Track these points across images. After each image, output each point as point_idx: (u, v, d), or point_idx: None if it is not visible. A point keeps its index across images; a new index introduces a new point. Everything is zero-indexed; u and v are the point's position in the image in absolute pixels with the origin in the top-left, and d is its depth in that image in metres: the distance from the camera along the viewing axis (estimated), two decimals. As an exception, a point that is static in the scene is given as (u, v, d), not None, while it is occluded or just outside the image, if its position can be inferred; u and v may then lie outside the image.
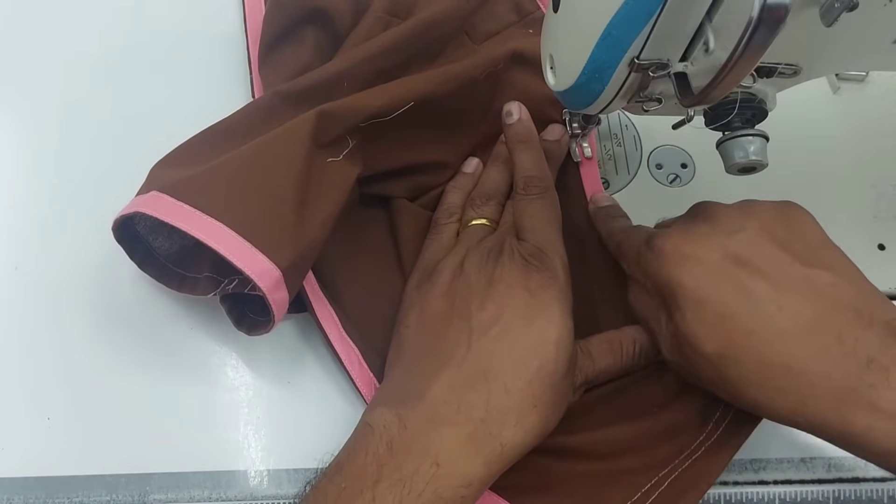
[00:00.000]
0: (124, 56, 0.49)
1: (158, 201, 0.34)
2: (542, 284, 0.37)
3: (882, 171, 0.51)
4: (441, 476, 0.32)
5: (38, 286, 0.42)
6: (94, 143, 0.46)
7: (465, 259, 0.39)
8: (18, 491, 0.38)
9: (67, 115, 0.47)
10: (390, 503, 0.31)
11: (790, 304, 0.33)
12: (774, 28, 0.28)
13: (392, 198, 0.44)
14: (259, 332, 0.38)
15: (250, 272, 0.33)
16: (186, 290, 0.39)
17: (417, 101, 0.41)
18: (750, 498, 0.41)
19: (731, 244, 0.35)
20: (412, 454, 0.32)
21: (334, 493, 0.31)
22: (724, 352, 0.34)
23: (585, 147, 0.48)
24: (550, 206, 0.41)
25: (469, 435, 0.33)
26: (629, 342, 0.40)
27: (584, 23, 0.34)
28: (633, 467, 0.38)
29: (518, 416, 0.34)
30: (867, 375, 0.31)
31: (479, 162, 0.46)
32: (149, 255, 0.39)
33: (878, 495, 0.42)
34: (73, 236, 0.43)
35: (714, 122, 0.37)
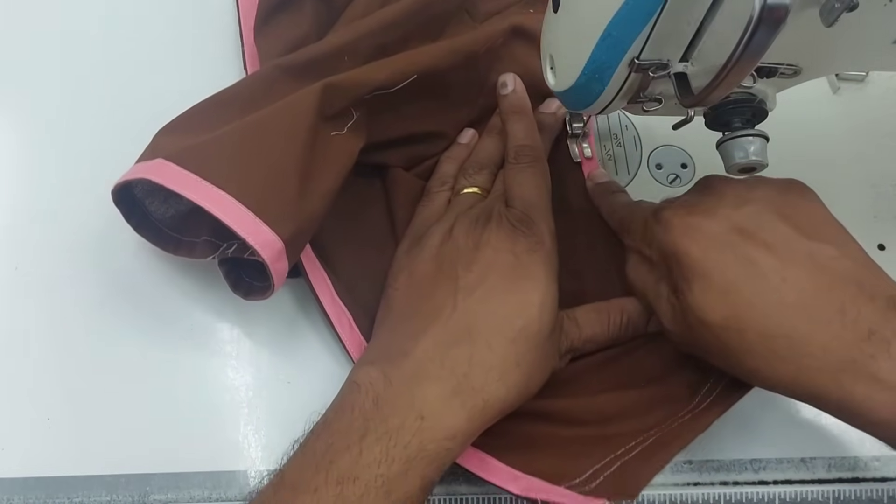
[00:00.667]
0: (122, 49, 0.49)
1: (164, 169, 0.34)
2: (529, 248, 0.38)
3: (882, 171, 0.51)
4: (426, 429, 0.32)
5: (38, 286, 0.42)
6: (92, 132, 0.46)
7: (454, 225, 0.39)
8: (18, 491, 0.38)
9: (63, 103, 0.47)
10: (377, 455, 0.31)
11: (794, 276, 0.34)
12: (774, 28, 0.28)
13: (388, 166, 0.45)
14: (255, 298, 0.38)
15: (254, 242, 0.34)
16: (184, 254, 0.39)
17: (419, 75, 0.41)
18: (750, 498, 0.41)
19: (736, 217, 0.35)
20: (397, 408, 0.33)
21: (322, 448, 0.32)
22: (728, 322, 0.34)
23: (585, 147, 0.48)
24: (540, 174, 0.42)
25: (452, 389, 0.34)
26: (617, 312, 0.41)
27: (584, 23, 0.34)
28: (617, 432, 0.39)
29: (501, 373, 0.34)
30: (868, 346, 0.32)
31: (474, 133, 0.47)
32: (145, 218, 0.39)
33: (878, 495, 0.42)
34: (74, 236, 0.43)
35: (714, 123, 0.37)
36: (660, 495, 0.41)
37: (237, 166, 0.35)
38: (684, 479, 0.41)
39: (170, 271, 0.43)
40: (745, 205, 0.36)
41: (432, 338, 0.35)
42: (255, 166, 0.36)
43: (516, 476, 0.37)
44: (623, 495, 0.37)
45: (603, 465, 0.38)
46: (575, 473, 0.37)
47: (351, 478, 0.31)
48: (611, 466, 0.38)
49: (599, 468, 0.37)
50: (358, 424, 0.32)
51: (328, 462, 0.31)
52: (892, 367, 0.31)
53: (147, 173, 0.34)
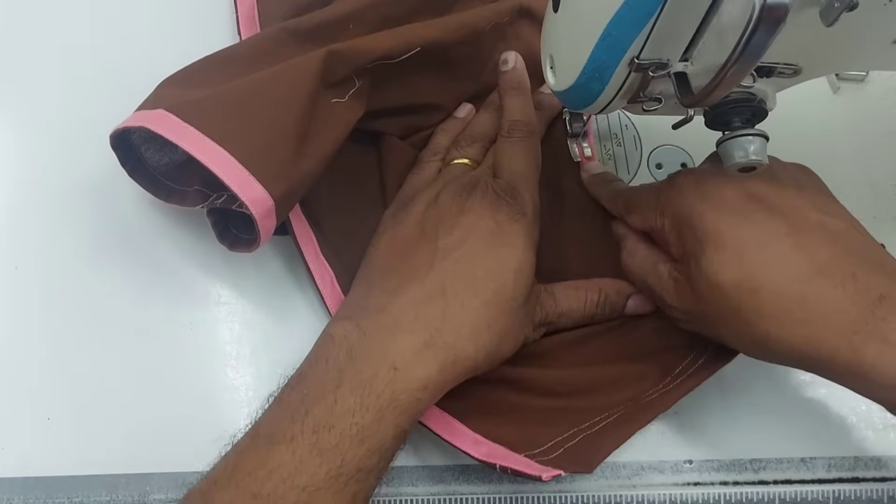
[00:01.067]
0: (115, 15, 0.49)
1: (164, 119, 0.35)
2: (510, 217, 0.39)
3: (882, 171, 0.51)
4: (398, 379, 0.33)
5: (38, 286, 0.42)
6: (90, 122, 0.45)
7: (440, 192, 0.40)
8: (18, 491, 0.38)
9: (59, 97, 0.47)
10: (351, 405, 0.32)
11: (806, 241, 0.35)
12: (774, 28, 0.28)
13: (383, 134, 0.45)
14: (240, 250, 0.39)
15: (245, 198, 0.35)
16: (175, 201, 0.40)
17: (424, 47, 0.42)
18: (750, 498, 0.41)
19: (750, 184, 0.37)
20: (371, 359, 0.34)
21: (297, 399, 0.33)
22: (742, 282, 0.35)
23: (585, 147, 0.48)
24: (530, 149, 0.43)
25: (425, 342, 0.34)
26: (595, 291, 0.42)
27: (584, 23, 0.34)
28: (584, 406, 0.40)
29: (472, 331, 0.36)
30: (879, 310, 0.32)
31: (471, 108, 0.47)
32: (139, 164, 0.39)
33: (878, 495, 0.42)
34: (74, 236, 0.43)
35: (714, 122, 0.37)
36: (660, 495, 0.41)
37: (236, 123, 0.36)
38: (684, 479, 0.41)
39: (170, 270, 0.43)
40: (759, 174, 0.36)
41: (408, 294, 0.36)
42: (253, 125, 0.36)
43: (479, 441, 0.37)
44: (580, 467, 0.37)
45: (565, 438, 0.38)
46: (537, 443, 0.38)
47: (327, 426, 0.32)
48: (573, 439, 0.38)
49: (561, 440, 0.38)
50: (332, 375, 0.33)
51: (304, 412, 0.32)
52: None
53: (147, 122, 0.35)
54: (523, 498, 0.40)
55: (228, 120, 0.36)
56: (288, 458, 0.31)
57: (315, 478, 0.31)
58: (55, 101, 0.47)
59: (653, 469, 0.41)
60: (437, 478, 0.40)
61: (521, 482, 0.40)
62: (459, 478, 0.40)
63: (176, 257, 0.43)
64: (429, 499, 0.40)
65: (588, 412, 0.39)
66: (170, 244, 0.43)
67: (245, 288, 0.43)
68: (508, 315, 0.37)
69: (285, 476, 0.31)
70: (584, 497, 0.40)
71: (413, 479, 0.40)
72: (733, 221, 0.36)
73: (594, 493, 0.40)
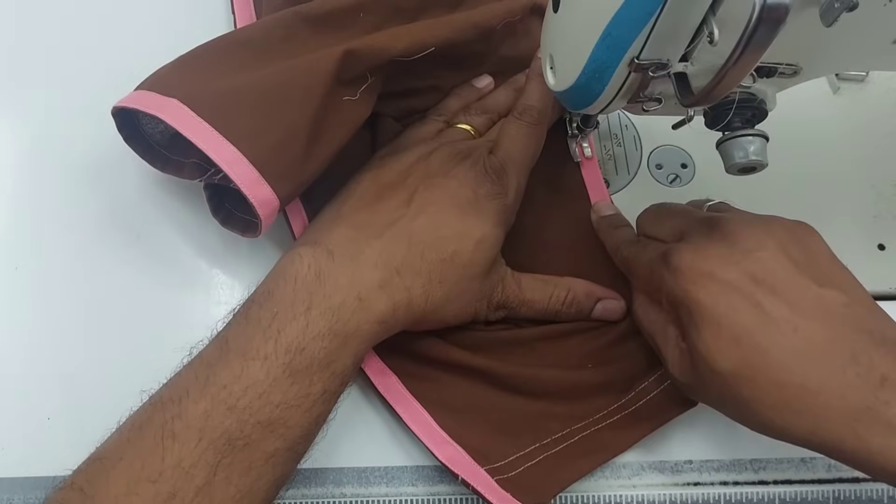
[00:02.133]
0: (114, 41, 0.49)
1: (179, 112, 0.36)
2: (490, 194, 0.40)
3: (882, 172, 0.51)
4: (362, 310, 0.35)
5: (38, 286, 0.42)
6: (87, 123, 0.46)
7: (434, 150, 0.41)
8: (18, 491, 0.38)
9: (57, 95, 0.47)
10: (322, 329, 0.34)
11: (806, 324, 0.33)
12: (774, 28, 0.28)
13: (378, 115, 0.45)
14: (233, 228, 0.40)
15: (253, 199, 0.36)
16: (171, 172, 0.40)
17: (437, 47, 0.42)
18: (750, 498, 0.41)
19: (748, 264, 0.35)
20: (340, 287, 0.35)
21: (267, 317, 0.33)
22: (740, 371, 0.34)
23: (585, 147, 0.48)
24: (533, 138, 0.43)
25: (385, 280, 0.36)
26: (563, 288, 0.42)
27: (584, 23, 0.34)
28: (552, 412, 0.40)
29: (425, 282, 0.37)
30: (882, 393, 0.31)
31: (491, 81, 0.48)
32: (136, 131, 0.39)
33: (878, 495, 0.42)
34: (74, 236, 0.43)
35: (714, 123, 0.37)
36: (660, 495, 0.41)
37: (250, 122, 0.36)
38: (684, 479, 0.41)
39: (171, 271, 0.43)
40: (756, 251, 0.35)
41: (377, 233, 0.37)
42: (267, 125, 0.37)
43: (444, 441, 0.38)
44: (537, 497, 0.37)
45: (527, 454, 0.38)
46: (499, 455, 0.38)
47: (299, 348, 0.33)
48: (534, 458, 0.38)
49: (523, 455, 0.38)
50: (302, 297, 0.34)
51: (276, 331, 0.33)
52: None
53: (161, 112, 0.36)
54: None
55: (243, 119, 0.36)
56: (262, 375, 0.32)
57: (287, 396, 0.32)
58: (54, 81, 0.47)
59: (653, 469, 0.41)
60: (437, 478, 0.40)
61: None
62: (445, 478, 0.40)
63: (177, 258, 0.43)
64: (429, 499, 0.40)
65: (553, 422, 0.40)
66: (170, 243, 0.43)
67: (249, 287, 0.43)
68: (461, 280, 0.38)
69: (260, 392, 0.32)
70: (584, 497, 0.40)
71: (413, 479, 0.40)
72: (730, 307, 0.34)
73: (594, 493, 0.40)
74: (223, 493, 0.31)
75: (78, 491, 0.30)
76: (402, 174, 0.40)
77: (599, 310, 0.43)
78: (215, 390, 0.32)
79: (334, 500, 0.39)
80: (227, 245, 0.44)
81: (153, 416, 0.32)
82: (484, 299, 0.40)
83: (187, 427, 0.31)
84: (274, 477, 0.33)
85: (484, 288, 0.40)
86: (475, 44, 0.45)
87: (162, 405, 0.32)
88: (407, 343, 0.40)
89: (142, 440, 0.31)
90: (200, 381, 0.32)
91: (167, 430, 0.31)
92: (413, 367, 0.40)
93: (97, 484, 0.30)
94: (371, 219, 0.38)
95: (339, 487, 0.39)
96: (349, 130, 0.40)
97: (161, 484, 0.30)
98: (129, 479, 0.30)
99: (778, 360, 0.33)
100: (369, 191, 0.40)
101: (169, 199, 0.44)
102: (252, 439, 0.31)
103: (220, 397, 0.31)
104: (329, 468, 0.40)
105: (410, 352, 0.40)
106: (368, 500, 0.39)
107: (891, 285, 0.47)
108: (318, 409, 0.34)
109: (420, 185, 0.39)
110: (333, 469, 0.40)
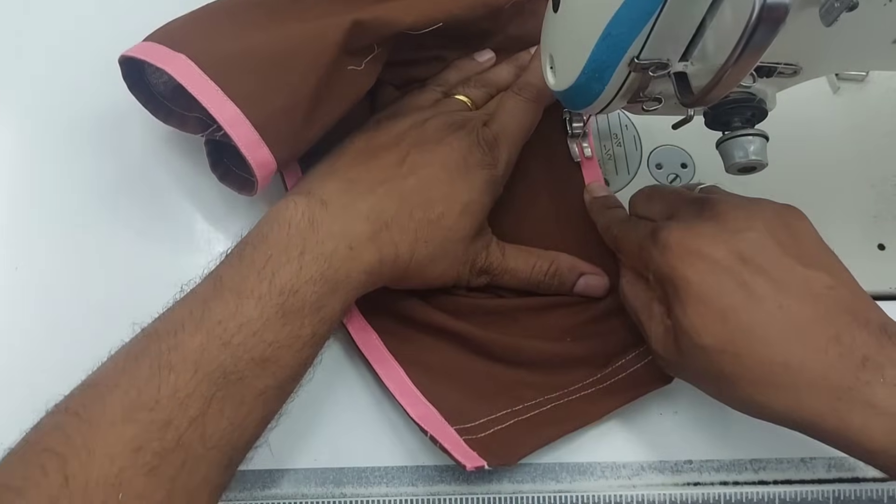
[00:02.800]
0: None
1: (187, 68, 0.36)
2: (479, 164, 0.41)
3: (882, 171, 0.51)
4: (352, 259, 0.36)
5: (38, 286, 0.42)
6: (90, 129, 0.46)
7: (430, 119, 0.42)
8: (18, 491, 0.38)
9: (60, 102, 0.47)
10: (314, 273, 0.34)
11: (790, 303, 0.34)
12: (774, 28, 0.28)
13: (380, 82, 0.45)
14: (229, 183, 0.41)
15: (252, 160, 0.37)
16: (174, 124, 0.41)
17: (445, 22, 0.42)
18: (750, 498, 0.41)
19: (735, 242, 0.35)
20: (332, 235, 0.36)
21: (261, 259, 0.34)
22: (725, 346, 0.34)
23: (585, 147, 0.48)
24: (530, 112, 0.44)
25: (375, 232, 0.37)
26: (546, 260, 0.43)
27: (584, 23, 0.34)
28: (527, 381, 0.41)
29: (412, 240, 0.38)
30: (863, 373, 0.32)
31: (493, 56, 0.48)
32: (140, 80, 0.40)
33: (878, 495, 0.42)
34: (74, 236, 0.43)
35: (714, 122, 0.37)
36: (660, 495, 0.41)
37: (255, 87, 0.37)
38: (684, 479, 0.41)
39: (172, 272, 0.43)
40: (744, 231, 0.36)
41: (369, 189, 0.38)
42: (271, 90, 0.37)
43: (420, 401, 0.39)
44: (504, 458, 0.38)
45: (498, 418, 0.39)
46: (471, 417, 0.38)
47: (292, 290, 0.34)
48: (504, 422, 0.39)
49: (494, 419, 0.39)
50: (296, 241, 0.35)
51: (270, 273, 0.34)
52: (887, 393, 0.31)
53: (169, 67, 0.36)
54: (523, 498, 0.40)
55: (248, 81, 0.37)
56: (256, 314, 0.33)
57: (279, 335, 0.33)
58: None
59: (653, 469, 0.41)
60: (437, 478, 0.40)
61: (520, 482, 0.40)
62: (459, 478, 0.40)
63: (177, 257, 0.43)
64: (428, 499, 0.40)
65: (527, 391, 0.40)
66: (170, 245, 0.43)
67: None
68: (446, 241, 0.39)
69: (254, 330, 0.33)
70: (584, 497, 0.40)
71: (413, 479, 0.40)
72: (717, 284, 0.35)
73: (594, 493, 0.40)
74: (215, 424, 0.31)
75: (73, 415, 0.30)
76: (396, 137, 0.41)
77: (582, 284, 0.44)
78: (210, 325, 0.32)
79: (334, 500, 0.39)
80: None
81: (149, 346, 0.32)
82: (467, 263, 0.41)
83: (183, 359, 0.31)
84: (263, 413, 0.34)
85: (468, 252, 0.41)
86: (483, 21, 0.46)
87: (157, 337, 0.32)
88: (390, 303, 0.41)
89: (138, 369, 0.31)
90: (196, 316, 0.33)
91: (164, 360, 0.31)
92: (394, 327, 0.41)
93: (93, 409, 0.30)
94: (364, 175, 0.39)
95: (339, 487, 0.39)
96: (352, 99, 0.41)
97: (157, 412, 0.30)
98: (126, 405, 0.30)
99: (762, 337, 0.34)
100: (364, 150, 0.41)
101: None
102: (245, 375, 0.32)
103: (216, 332, 0.32)
104: (329, 468, 0.40)
105: (392, 311, 0.41)
106: (368, 500, 0.39)
107: (891, 285, 0.47)
108: (306, 352, 0.35)
109: (413, 149, 0.40)
110: (333, 469, 0.40)
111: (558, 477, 0.40)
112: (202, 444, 0.31)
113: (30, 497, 0.28)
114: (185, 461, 0.30)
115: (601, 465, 0.41)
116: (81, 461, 0.29)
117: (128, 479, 0.29)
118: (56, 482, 0.28)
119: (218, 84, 0.36)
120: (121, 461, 0.29)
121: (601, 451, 0.41)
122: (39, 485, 0.28)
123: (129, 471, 0.29)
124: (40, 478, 0.28)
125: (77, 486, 0.28)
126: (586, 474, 0.41)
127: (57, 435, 0.30)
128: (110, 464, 0.29)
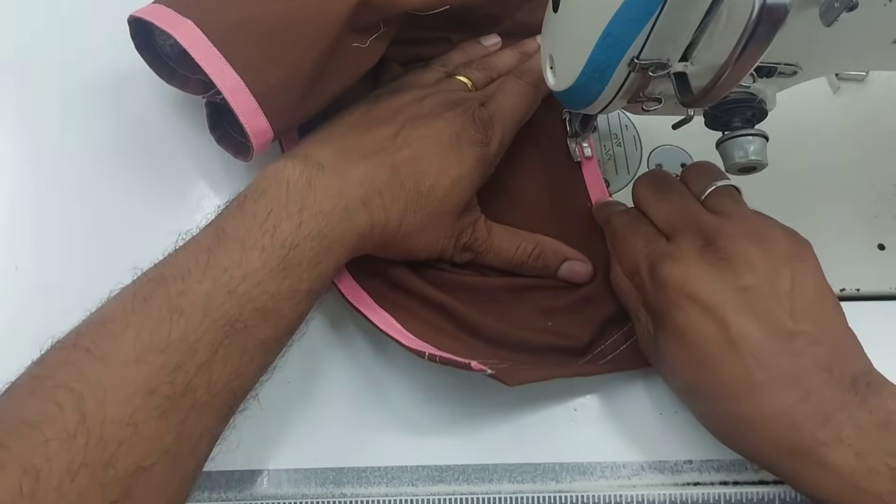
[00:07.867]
0: None
1: (192, 33, 0.37)
2: (472, 141, 0.41)
3: (882, 171, 0.51)
4: (347, 220, 0.36)
5: (38, 286, 0.42)
6: (91, 135, 0.46)
7: (428, 96, 0.43)
8: (18, 491, 0.38)
9: (62, 106, 0.47)
10: (313, 230, 0.35)
11: (769, 361, 0.34)
12: (774, 28, 0.28)
13: (385, 58, 0.45)
14: (227, 147, 0.41)
15: (249, 128, 0.37)
16: (176, 85, 0.42)
17: (453, 5, 0.42)
18: (750, 498, 0.41)
19: (732, 294, 0.35)
20: (329, 195, 0.36)
21: (262, 212, 0.35)
22: (696, 386, 0.36)
23: (585, 147, 0.48)
24: (529, 97, 0.45)
25: (368, 197, 0.37)
26: (531, 242, 0.44)
27: (584, 23, 0.34)
28: (500, 355, 0.41)
29: (402, 209, 0.39)
30: (823, 433, 0.33)
31: (498, 41, 0.49)
32: (147, 39, 0.40)
33: (878, 495, 0.42)
34: (74, 236, 0.43)
35: (714, 122, 0.37)
36: (660, 495, 0.41)
37: (258, 57, 0.37)
38: (684, 479, 0.41)
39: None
40: (744, 279, 0.35)
41: (363, 156, 0.38)
42: (274, 62, 0.38)
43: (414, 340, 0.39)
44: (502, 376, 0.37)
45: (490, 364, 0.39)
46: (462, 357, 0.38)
47: (293, 244, 0.34)
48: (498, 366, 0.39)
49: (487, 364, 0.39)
50: (295, 198, 0.35)
51: (272, 226, 0.34)
52: (842, 453, 0.32)
53: (174, 30, 0.37)
54: (523, 498, 0.40)
55: (251, 50, 0.37)
56: (259, 265, 0.33)
57: (280, 288, 0.34)
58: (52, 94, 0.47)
59: (653, 469, 0.41)
60: (437, 478, 0.40)
61: (520, 482, 0.40)
62: (459, 478, 0.40)
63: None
64: (429, 499, 0.40)
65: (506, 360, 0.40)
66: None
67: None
68: (434, 214, 0.40)
69: (258, 280, 0.33)
70: (584, 497, 0.40)
71: (413, 479, 0.40)
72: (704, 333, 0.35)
73: (594, 493, 0.40)
74: (220, 371, 0.32)
75: (84, 351, 0.30)
76: (394, 112, 0.41)
77: (566, 269, 0.44)
78: (216, 273, 0.32)
79: (334, 500, 0.39)
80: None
81: (156, 290, 0.32)
82: (453, 238, 0.42)
83: (192, 304, 0.31)
84: (261, 364, 0.34)
85: (455, 226, 0.41)
86: (491, 6, 0.46)
87: (164, 281, 0.32)
88: (378, 271, 0.41)
89: (148, 312, 0.31)
90: (201, 264, 0.33)
91: (174, 304, 0.31)
92: (383, 289, 0.41)
93: (105, 347, 0.30)
94: (359, 144, 0.39)
95: (339, 487, 0.39)
96: (354, 75, 0.41)
97: (169, 355, 0.30)
98: (138, 346, 0.30)
99: (733, 391, 0.35)
100: (361, 122, 0.41)
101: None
102: (249, 324, 0.32)
103: (222, 280, 0.32)
104: (329, 468, 0.40)
105: (381, 276, 0.42)
106: (368, 500, 0.39)
107: (891, 285, 0.47)
108: (303, 306, 0.35)
109: (408, 123, 0.40)
110: (333, 469, 0.40)
111: (558, 477, 0.40)
112: (208, 390, 0.31)
113: (47, 432, 0.27)
114: (192, 406, 0.31)
115: (601, 465, 0.41)
116: (97, 399, 0.28)
117: (141, 420, 0.29)
118: (73, 419, 0.28)
119: (221, 52, 0.37)
120: (135, 402, 0.29)
121: (601, 451, 0.41)
122: (56, 420, 0.28)
123: (141, 412, 0.29)
124: (56, 413, 0.28)
125: (94, 423, 0.28)
126: (586, 474, 0.41)
127: (69, 371, 0.29)
128: (125, 404, 0.29)
